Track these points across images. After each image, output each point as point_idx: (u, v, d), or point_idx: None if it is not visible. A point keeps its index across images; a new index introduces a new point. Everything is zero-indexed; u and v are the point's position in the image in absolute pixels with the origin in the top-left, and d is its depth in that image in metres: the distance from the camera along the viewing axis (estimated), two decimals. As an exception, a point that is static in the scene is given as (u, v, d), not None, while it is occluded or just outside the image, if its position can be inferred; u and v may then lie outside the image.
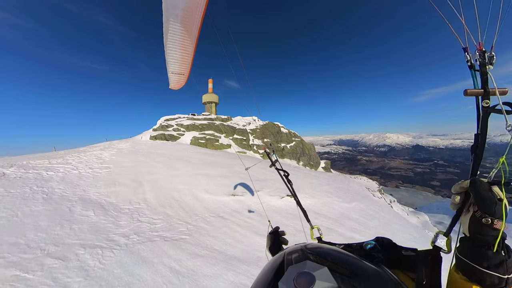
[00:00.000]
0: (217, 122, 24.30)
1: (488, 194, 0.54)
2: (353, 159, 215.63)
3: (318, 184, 13.63)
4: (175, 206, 7.57)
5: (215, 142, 21.00)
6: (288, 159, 25.42)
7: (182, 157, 14.31)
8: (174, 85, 2.57)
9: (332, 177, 19.60)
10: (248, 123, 29.23)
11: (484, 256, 0.53)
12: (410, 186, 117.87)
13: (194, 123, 24.48)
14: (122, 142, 20.04)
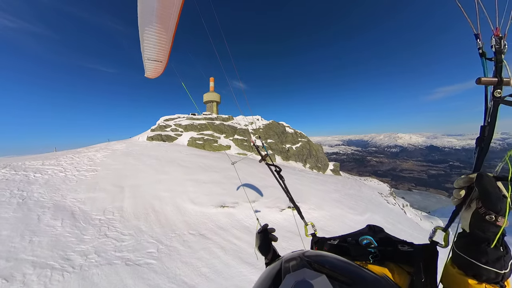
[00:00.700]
0: (217, 122, 23.19)
1: (495, 190, 0.53)
2: (362, 160, 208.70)
3: (325, 191, 12.09)
4: (152, 219, 6.36)
5: (213, 143, 19.85)
6: (293, 162, 23.84)
7: (174, 159, 13.20)
8: (150, 73, 2.27)
9: (341, 182, 18.10)
10: (250, 123, 27.92)
11: (483, 252, 0.54)
12: (423, 189, 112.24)
13: (193, 123, 23.48)
14: (119, 143, 19.41)
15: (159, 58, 2.08)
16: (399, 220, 12.05)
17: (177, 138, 21.41)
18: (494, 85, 0.59)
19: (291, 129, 28.80)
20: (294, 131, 28.81)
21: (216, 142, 20.15)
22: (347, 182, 19.80)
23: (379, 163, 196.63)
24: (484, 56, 0.63)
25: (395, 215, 13.39)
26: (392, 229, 9.11)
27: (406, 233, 9.20)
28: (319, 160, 29.02)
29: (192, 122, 23.75)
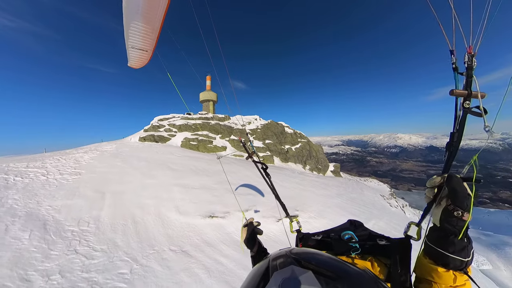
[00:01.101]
0: (212, 122, 22.46)
1: (462, 189, 0.62)
2: (362, 161, 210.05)
3: (327, 196, 11.43)
4: (130, 231, 5.65)
5: (208, 144, 19.10)
6: (292, 163, 23.13)
7: (164, 162, 12.47)
8: (134, 62, 2.09)
9: (343, 184, 17.32)
10: (248, 123, 27.18)
11: (451, 243, 0.63)
12: (422, 189, 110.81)
13: (187, 123, 22.71)
14: (110, 144, 18.72)
15: (145, 47, 1.91)
16: (402, 224, 11.49)
17: (171, 138, 20.64)
18: (464, 97, 0.68)
19: (290, 129, 28.13)
20: (294, 131, 28.14)
21: (211, 143, 19.41)
22: (349, 184, 19.08)
23: (379, 163, 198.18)
24: (456, 70, 0.71)
25: (400, 220, 12.64)
26: (395, 234, 8.42)
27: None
28: (319, 161, 28.38)
29: (186, 122, 22.98)
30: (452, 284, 0.61)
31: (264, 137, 24.04)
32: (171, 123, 23.43)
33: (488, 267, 14.11)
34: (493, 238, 19.10)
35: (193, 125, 22.34)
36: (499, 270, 14.11)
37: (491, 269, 14.04)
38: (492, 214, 31.91)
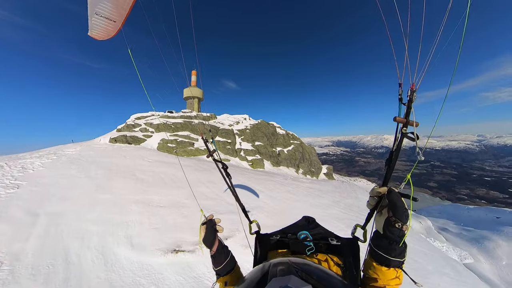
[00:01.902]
0: (195, 121, 20.61)
1: (402, 204, 0.74)
2: (351, 161, 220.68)
3: (323, 206, 10.32)
4: (56, 278, 4.00)
5: (188, 147, 17.28)
6: (285, 167, 21.94)
7: (130, 169, 10.59)
8: (97, 32, 1.69)
9: (338, 189, 16.68)
10: (236, 122, 25.60)
11: (393, 249, 0.76)
12: (408, 187, 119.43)
13: (167, 122, 20.63)
14: (75, 145, 16.39)
15: (113, 16, 1.61)
16: None
17: (146, 140, 18.50)
18: (403, 123, 0.84)
19: (282, 130, 26.98)
20: (286, 132, 27.04)
21: (192, 145, 17.59)
22: (343, 188, 18.57)
23: (366, 163, 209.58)
24: (401, 101, 0.88)
25: None
26: None
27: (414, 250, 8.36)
28: (312, 164, 27.59)
29: (166, 121, 20.88)
30: (392, 277, 0.78)
31: (254, 138, 22.63)
32: (148, 122, 21.19)
33: (470, 261, 15.17)
34: (474, 233, 20.30)
35: (173, 124, 20.31)
36: (480, 263, 15.21)
37: (473, 263, 15.06)
38: (472, 211, 34.22)
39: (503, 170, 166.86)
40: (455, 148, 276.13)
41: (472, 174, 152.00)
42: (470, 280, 7.89)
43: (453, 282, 6.75)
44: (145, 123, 21.24)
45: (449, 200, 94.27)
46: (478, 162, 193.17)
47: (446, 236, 20.41)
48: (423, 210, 40.62)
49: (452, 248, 16.52)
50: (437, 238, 18.77)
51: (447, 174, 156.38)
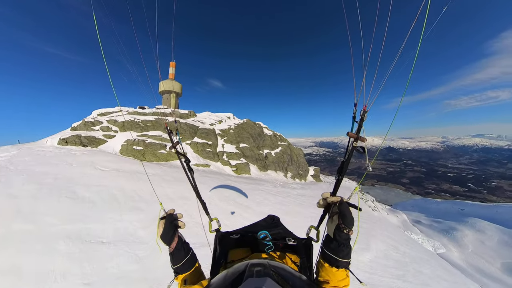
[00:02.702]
0: (170, 119, 17.50)
1: (350, 213, 0.86)
2: (333, 160, 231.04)
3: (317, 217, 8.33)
4: None
5: (159, 150, 14.27)
6: (273, 171, 19.87)
7: (74, 182, 7.58)
8: None
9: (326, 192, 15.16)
10: (219, 121, 22.84)
11: (341, 251, 0.86)
12: (383, 184, 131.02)
13: (134, 119, 17.22)
14: (13, 148, 12.65)
15: None
16: (409, 246, 9.48)
17: (107, 141, 15.01)
18: (354, 138, 0.97)
19: (269, 131, 24.91)
20: (273, 133, 25.03)
21: (164, 147, 14.59)
22: (325, 188, 17.57)
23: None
24: (354, 119, 1.00)
25: (382, 225, 12.25)
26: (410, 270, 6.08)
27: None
28: (300, 166, 26.07)
29: (133, 118, 17.42)
30: (342, 278, 0.87)
31: (239, 139, 20.18)
32: (112, 120, 17.52)
33: (442, 251, 17.01)
34: (443, 225, 23.30)
35: (142, 122, 16.96)
36: (451, 252, 17.31)
37: (445, 252, 16.88)
38: (440, 204, 36.71)
39: (462, 167, 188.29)
40: (424, 148, 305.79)
41: (438, 171, 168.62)
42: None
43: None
44: (108, 120, 17.53)
45: (419, 194, 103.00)
46: (442, 160, 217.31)
47: (420, 228, 22.99)
48: (398, 204, 43.01)
49: (426, 240, 18.57)
50: (413, 231, 20.64)
51: (417, 171, 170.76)
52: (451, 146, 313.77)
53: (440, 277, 7.22)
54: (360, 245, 7.29)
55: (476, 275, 13.19)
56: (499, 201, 63.37)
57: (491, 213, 25.53)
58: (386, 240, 9.03)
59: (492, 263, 15.73)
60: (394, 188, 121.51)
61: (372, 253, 6.93)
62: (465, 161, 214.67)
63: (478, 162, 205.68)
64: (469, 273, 12.95)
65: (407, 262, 7.32)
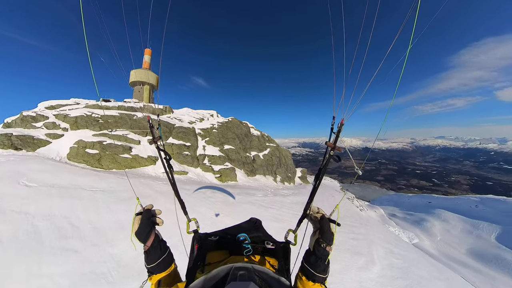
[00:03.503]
0: (140, 115, 14.47)
1: (329, 229, 0.89)
2: (315, 160, 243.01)
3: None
4: None
5: (122, 153, 11.34)
6: (261, 176, 17.92)
7: None
8: None
9: (318, 195, 15.01)
10: (200, 119, 20.13)
11: (318, 265, 0.87)
12: (361, 181, 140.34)
13: (92, 114, 13.84)
14: None
15: None
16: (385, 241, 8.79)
17: (50, 142, 11.59)
18: (331, 147, 1.04)
19: (256, 131, 22.89)
20: (261, 134, 23.07)
21: (129, 150, 11.69)
22: (320, 192, 16.46)
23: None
24: (332, 130, 1.08)
25: (373, 226, 12.30)
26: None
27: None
28: (288, 169, 24.65)
29: (90, 112, 14.00)
30: None
31: (223, 140, 17.82)
32: (62, 114, 13.88)
33: (416, 241, 18.44)
34: (415, 217, 25.46)
35: (102, 118, 13.66)
36: (423, 241, 18.91)
37: (418, 242, 18.21)
38: (411, 198, 40.33)
39: (428, 164, 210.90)
40: (395, 149, 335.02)
41: (408, 168, 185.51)
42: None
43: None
44: (56, 115, 13.84)
45: (392, 190, 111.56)
46: (411, 159, 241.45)
47: (396, 221, 24.86)
48: (376, 200, 45.61)
49: (402, 231, 19.96)
50: (390, 224, 22.20)
51: (390, 169, 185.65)
52: (418, 147, 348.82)
53: (436, 278, 7.52)
54: (366, 256, 6.87)
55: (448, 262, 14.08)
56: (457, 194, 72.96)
57: (453, 205, 28.61)
58: (383, 244, 8.96)
59: (458, 250, 17.44)
60: (371, 185, 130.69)
61: (378, 265, 6.58)
62: (430, 159, 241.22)
63: (440, 160, 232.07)
64: (443, 261, 13.57)
65: (407, 267, 7.28)
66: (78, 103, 18.85)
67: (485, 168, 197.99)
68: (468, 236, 19.51)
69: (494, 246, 16.94)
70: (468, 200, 29.43)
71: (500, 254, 15.53)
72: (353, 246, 7.46)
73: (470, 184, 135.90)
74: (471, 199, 29.30)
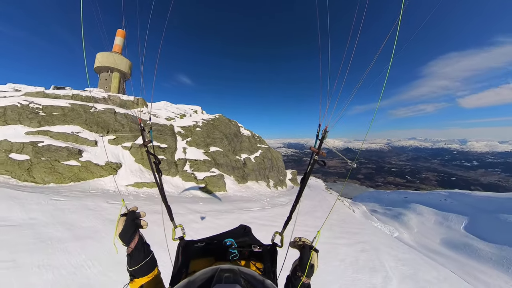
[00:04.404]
0: (100, 107, 11.19)
1: (307, 260, 0.89)
2: (299, 160, 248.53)
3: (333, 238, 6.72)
4: None
5: (66, 159, 8.19)
6: (254, 182, 15.63)
7: None
8: None
9: (312, 199, 15.13)
10: (181, 116, 17.11)
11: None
12: (343, 180, 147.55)
13: (30, 103, 10.33)
14: None
15: None
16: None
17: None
18: (315, 152, 1.14)
19: (247, 131, 20.48)
20: (251, 134, 20.73)
21: (77, 155, 8.57)
22: (311, 194, 16.41)
23: None
24: (317, 136, 1.17)
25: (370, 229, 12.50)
26: None
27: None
28: (280, 172, 22.85)
29: (28, 102, 10.46)
30: None
31: (208, 141, 15.20)
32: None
33: (397, 234, 19.52)
34: (394, 211, 27.36)
35: (44, 109, 10.22)
36: (403, 234, 19.99)
37: (399, 235, 19.35)
38: (389, 194, 42.71)
39: (402, 163, 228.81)
40: (374, 149, 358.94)
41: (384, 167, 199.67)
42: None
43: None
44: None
45: (372, 187, 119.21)
46: (387, 158, 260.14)
47: (377, 217, 26.31)
48: (357, 197, 47.56)
49: (383, 226, 21.32)
50: (372, 220, 23.55)
51: (369, 168, 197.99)
52: (393, 147, 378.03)
53: (438, 279, 7.55)
54: (381, 271, 6.48)
55: (428, 253, 14.68)
56: (428, 189, 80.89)
57: (426, 199, 30.85)
58: (388, 251, 8.78)
59: (433, 240, 18.84)
60: (352, 183, 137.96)
61: (394, 280, 6.24)
62: (404, 158, 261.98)
63: (412, 159, 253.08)
64: (424, 253, 14.19)
65: (414, 273, 7.21)
66: (18, 90, 14.71)
67: (449, 165, 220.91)
68: (440, 227, 21.07)
69: (463, 235, 18.65)
70: (438, 194, 31.80)
71: (468, 242, 17.24)
72: (365, 260, 7.05)
73: (438, 180, 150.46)
74: (440, 194, 31.77)
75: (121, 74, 20.21)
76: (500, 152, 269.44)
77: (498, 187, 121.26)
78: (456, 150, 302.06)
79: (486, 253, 15.33)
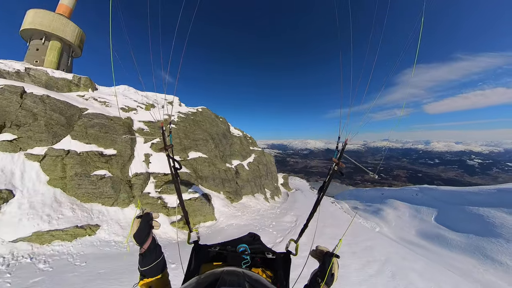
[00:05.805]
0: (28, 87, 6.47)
1: (327, 268, 0.91)
2: (283, 161, 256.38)
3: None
4: None
5: None
6: (250, 197, 11.72)
7: None
8: None
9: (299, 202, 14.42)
10: (146, 107, 12.39)
11: None
12: (324, 179, 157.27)
13: None
14: None
15: None
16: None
17: None
18: (335, 163, 1.23)
19: (237, 131, 16.52)
20: (243, 134, 16.88)
21: None
22: (305, 201, 16.15)
23: (295, 162, 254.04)
24: (337, 148, 1.29)
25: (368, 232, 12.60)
26: None
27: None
28: (273, 178, 19.62)
29: None
30: None
31: (187, 143, 11.00)
32: None
33: (379, 229, 20.91)
34: (373, 207, 29.61)
35: None
36: (383, 228, 21.49)
37: (380, 230, 20.62)
38: (368, 192, 45.08)
39: (377, 162, 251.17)
40: (352, 149, 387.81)
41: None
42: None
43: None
44: None
45: (351, 185, 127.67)
46: (364, 158, 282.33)
47: (359, 213, 28.18)
48: (339, 195, 48.90)
49: (365, 222, 22.75)
50: (355, 216, 24.48)
51: (348, 167, 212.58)
52: (369, 147, 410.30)
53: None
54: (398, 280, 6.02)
55: (407, 245, 15.33)
56: (399, 185, 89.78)
57: (400, 194, 33.73)
58: (398, 261, 8.39)
59: (409, 232, 20.43)
60: (333, 182, 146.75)
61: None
62: (378, 158, 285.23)
63: (386, 158, 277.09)
64: (403, 244, 14.97)
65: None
66: None
67: (416, 163, 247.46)
68: (414, 220, 22.75)
69: (434, 226, 20.22)
70: (410, 190, 34.09)
71: (439, 232, 18.82)
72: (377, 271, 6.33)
73: (407, 176, 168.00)
74: (412, 189, 34.90)
75: (65, 45, 14.54)
76: (456, 151, 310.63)
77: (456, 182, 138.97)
78: (421, 150, 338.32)
79: (456, 241, 16.83)
